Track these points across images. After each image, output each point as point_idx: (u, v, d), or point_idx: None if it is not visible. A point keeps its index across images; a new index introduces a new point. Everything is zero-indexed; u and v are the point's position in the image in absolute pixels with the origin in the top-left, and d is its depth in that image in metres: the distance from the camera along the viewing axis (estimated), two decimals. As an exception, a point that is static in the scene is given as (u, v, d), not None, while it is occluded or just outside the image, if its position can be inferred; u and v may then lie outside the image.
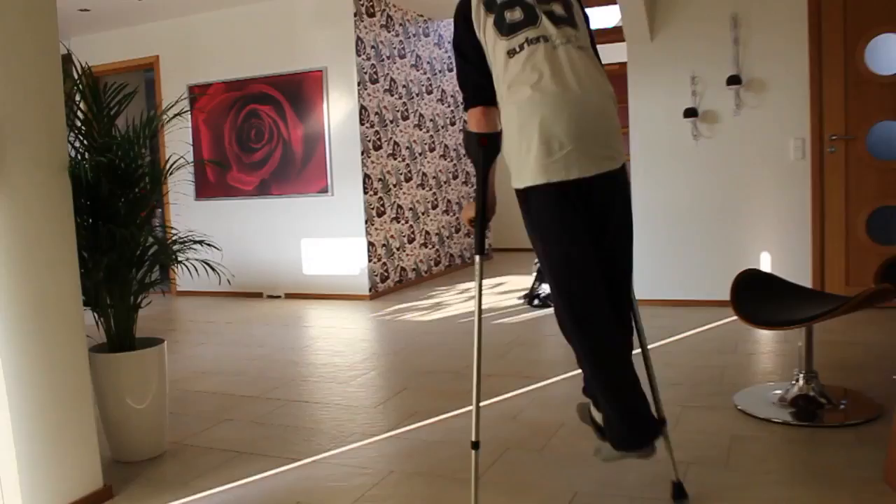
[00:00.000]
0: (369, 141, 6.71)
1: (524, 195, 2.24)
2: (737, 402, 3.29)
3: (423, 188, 7.72)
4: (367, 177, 6.67)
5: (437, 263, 7.96)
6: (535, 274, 6.21)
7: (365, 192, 6.64)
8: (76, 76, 2.97)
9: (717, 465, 2.69)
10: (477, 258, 2.42)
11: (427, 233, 7.77)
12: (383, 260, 6.93)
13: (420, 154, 7.67)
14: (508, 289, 6.91)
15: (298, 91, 6.80)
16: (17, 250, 2.36)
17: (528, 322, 5.39)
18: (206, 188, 7.39)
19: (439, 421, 3.32)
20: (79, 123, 2.98)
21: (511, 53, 2.18)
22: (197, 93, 7.30)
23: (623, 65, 5.93)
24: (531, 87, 2.14)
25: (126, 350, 3.05)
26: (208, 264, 3.51)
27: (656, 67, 5.58)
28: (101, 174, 2.81)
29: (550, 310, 5.65)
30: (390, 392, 3.82)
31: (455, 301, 6.40)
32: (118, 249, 2.82)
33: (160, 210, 8.16)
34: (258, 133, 7.02)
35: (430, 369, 4.20)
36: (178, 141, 7.49)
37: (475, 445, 2.32)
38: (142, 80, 8.38)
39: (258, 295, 7.23)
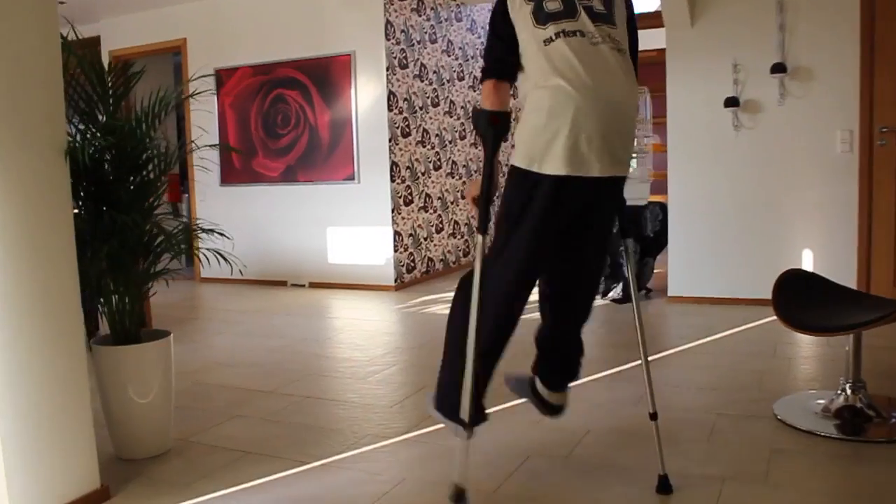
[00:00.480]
0: (397, 127, 6.54)
1: (533, 178, 2.20)
2: (777, 411, 3.08)
3: (453, 177, 7.53)
4: (394, 164, 6.50)
5: (465, 254, 7.77)
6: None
7: (392, 180, 6.48)
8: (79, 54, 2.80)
9: (755, 482, 2.48)
10: (479, 238, 2.35)
11: (456, 223, 7.59)
12: (410, 250, 6.77)
13: (450, 142, 7.48)
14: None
15: (326, 75, 6.64)
16: (10, 236, 2.22)
17: (556, 318, 5.19)
18: (231, 174, 7.27)
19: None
20: (83, 104, 2.82)
21: (547, 42, 2.16)
22: (224, 76, 7.18)
23: (661, 51, 5.68)
24: (568, 78, 2.12)
25: (131, 342, 2.91)
26: (220, 254, 3.33)
27: (696, 54, 5.32)
28: (103, 158, 2.67)
29: (580, 305, 5.45)
30: (410, 389, 3.66)
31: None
32: (119, 237, 2.68)
33: (186, 195, 8.09)
34: (284, 118, 6.88)
35: (451, 366, 4.03)
36: (203, 125, 7.39)
37: (464, 424, 2.34)
38: (171, 64, 8.29)
39: (282, 283, 7.11)
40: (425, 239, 7.01)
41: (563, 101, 2.11)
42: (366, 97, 6.50)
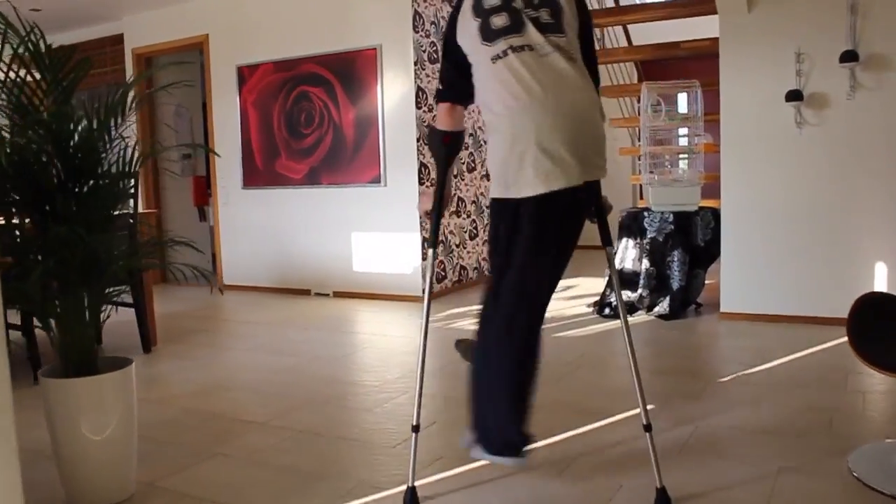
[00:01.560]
0: (426, 126, 6.09)
1: (512, 205, 2.20)
2: (852, 465, 2.54)
3: (489, 179, 7.04)
4: (423, 166, 6.06)
5: (501, 261, 7.29)
6: (606, 279, 5.48)
7: (421, 183, 6.03)
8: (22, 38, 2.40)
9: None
10: (430, 252, 2.56)
11: (491, 228, 7.11)
12: (440, 258, 6.31)
13: (485, 142, 7.01)
14: (578, 293, 6.19)
15: (350, 71, 6.23)
16: None
17: (596, 336, 4.68)
18: (254, 176, 6.91)
19: (470, 471, 2.68)
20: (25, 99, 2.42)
21: (495, 59, 2.16)
22: (245, 73, 6.82)
23: (714, 41, 5.14)
24: (523, 98, 2.11)
25: (86, 373, 2.51)
26: (198, 269, 2.92)
27: (754, 43, 4.76)
28: (38, 158, 2.27)
29: (618, 322, 4.92)
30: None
31: (516, 306, 5.74)
32: (59, 253, 2.27)
33: (210, 206, 7.75)
34: (308, 117, 6.49)
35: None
36: (226, 125, 7.04)
37: (415, 429, 2.48)
38: (198, 61, 7.97)
39: (306, 292, 6.72)
40: (457, 246, 6.55)
41: (522, 123, 2.10)
42: (392, 94, 6.06)
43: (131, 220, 4.67)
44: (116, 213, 4.79)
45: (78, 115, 2.40)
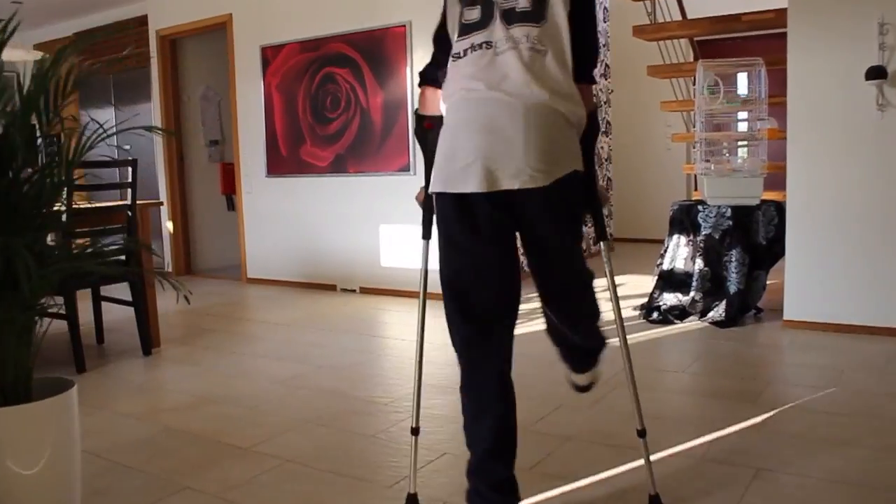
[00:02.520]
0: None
1: (436, 200, 2.16)
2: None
3: (529, 168, 6.53)
4: (455, 153, 5.57)
5: (543, 257, 6.77)
6: (655, 278, 4.93)
7: (452, 172, 5.55)
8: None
9: None
10: (423, 243, 2.49)
11: (532, 221, 6.60)
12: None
13: (525, 128, 6.49)
14: (625, 293, 5.65)
15: (378, 50, 5.76)
16: None
17: (641, 346, 4.15)
18: (278, 163, 6.50)
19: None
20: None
21: (456, 57, 2.09)
22: (269, 55, 6.41)
23: (780, 12, 4.54)
24: (459, 94, 2.06)
25: (17, 400, 2.10)
26: (163, 276, 2.50)
27: (828, 13, 4.15)
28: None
29: (673, 328, 4.38)
30: (425, 456, 2.73)
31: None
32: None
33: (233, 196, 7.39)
34: (334, 101, 6.05)
35: (490, 418, 3.08)
36: (250, 110, 6.65)
37: (415, 431, 2.36)
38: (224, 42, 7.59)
39: (331, 288, 6.30)
40: (493, 240, 6.05)
41: (452, 119, 2.06)
42: (423, 75, 5.58)
43: (129, 213, 4.29)
44: (113, 204, 4.42)
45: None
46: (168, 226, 7.51)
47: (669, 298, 4.74)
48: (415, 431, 2.35)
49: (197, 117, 7.66)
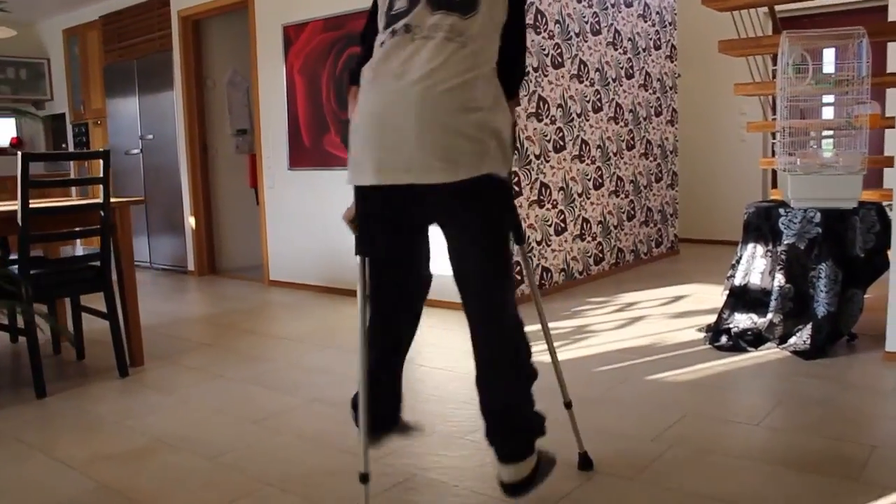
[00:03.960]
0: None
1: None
2: None
3: (582, 160, 5.76)
4: (492, 144, 4.85)
5: (598, 261, 6.00)
6: (725, 294, 4.13)
7: (489, 166, 4.83)
8: None
9: None
10: (358, 259, 2.19)
11: (586, 220, 5.83)
12: (515, 258, 5.10)
13: (580, 115, 5.72)
14: (689, 308, 4.85)
15: (407, 27, 5.07)
16: None
17: (705, 382, 3.37)
18: (301, 155, 5.88)
19: None
20: None
21: (379, 46, 2.02)
22: (292, 34, 5.77)
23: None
24: (364, 83, 1.99)
25: None
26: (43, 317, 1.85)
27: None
28: None
29: (746, 357, 3.57)
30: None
31: (612, 322, 4.46)
32: None
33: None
34: (359, 85, 5.38)
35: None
36: (272, 96, 6.04)
37: (363, 479, 2.06)
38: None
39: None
40: (540, 243, 5.31)
41: (358, 110, 1.99)
42: (456, 54, 4.87)
43: (102, 213, 3.70)
44: (79, 202, 3.83)
45: None
46: (190, 221, 6.97)
47: (742, 320, 3.93)
48: (363, 479, 2.06)
49: (223, 104, 7.10)
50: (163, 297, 6.00)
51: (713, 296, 5.10)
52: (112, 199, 3.81)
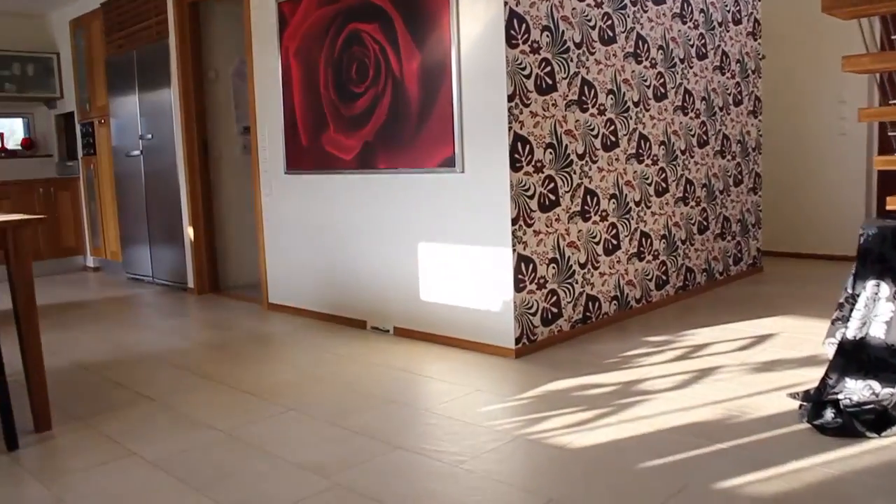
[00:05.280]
0: (527, 76, 3.80)
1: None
2: None
3: (640, 160, 4.63)
4: (519, 140, 3.77)
5: (660, 285, 4.85)
6: (831, 347, 2.96)
7: (516, 167, 3.76)
8: None
9: None
10: None
11: (645, 235, 4.70)
12: (550, 285, 4.01)
13: (637, 104, 4.59)
14: (777, 355, 3.68)
15: (414, -5, 4.05)
16: None
17: (807, 496, 2.23)
18: (298, 156, 4.91)
19: None
20: None
21: None
22: (286, 12, 4.81)
23: None
24: None
25: None
26: None
27: None
28: None
29: (862, 446, 2.38)
30: None
31: (673, 378, 3.34)
32: None
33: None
34: (361, 69, 4.38)
35: None
36: (267, 86, 5.10)
37: None
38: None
39: (360, 325, 4.65)
40: (584, 265, 4.21)
41: None
42: (472, 27, 3.81)
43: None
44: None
45: None
46: (188, 233, 6.09)
47: (857, 389, 2.77)
48: None
49: (228, 99, 6.19)
50: (139, 322, 5.12)
51: (810, 337, 3.92)
52: (4, 218, 2.89)
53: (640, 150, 4.62)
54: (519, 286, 3.81)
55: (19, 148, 8.24)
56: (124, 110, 6.76)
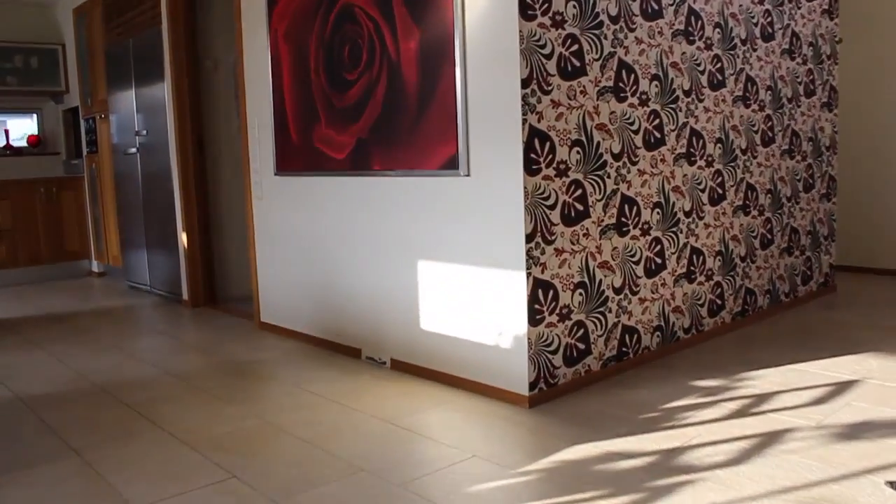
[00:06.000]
0: (547, 54, 3.05)
1: None
2: None
3: (691, 161, 3.84)
4: (536, 135, 3.03)
5: (714, 311, 4.06)
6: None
7: (532, 170, 3.01)
8: None
9: None
10: None
11: (696, 252, 3.90)
12: (575, 315, 3.25)
13: (689, 93, 3.80)
14: (863, 415, 2.88)
15: (412, -41, 3.33)
16: None
17: None
18: (289, 155, 4.24)
19: None
20: None
21: None
22: (274, -15, 4.15)
23: None
24: None
25: None
26: None
27: None
28: None
29: None
30: None
31: (728, 447, 2.56)
32: None
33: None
34: (354, 52, 3.69)
35: None
36: (257, 74, 4.45)
37: None
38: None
39: (355, 353, 3.96)
40: (619, 290, 3.44)
41: None
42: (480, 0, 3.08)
43: None
44: None
45: None
46: (182, 239, 5.48)
47: None
48: None
49: (228, 91, 5.56)
50: (113, 343, 4.50)
51: (906, 386, 3.10)
52: None
53: (692, 149, 3.83)
54: (535, 318, 3.06)
55: (25, 145, 7.75)
56: (122, 105, 6.19)
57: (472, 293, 3.26)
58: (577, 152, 3.19)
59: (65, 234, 7.28)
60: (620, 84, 3.38)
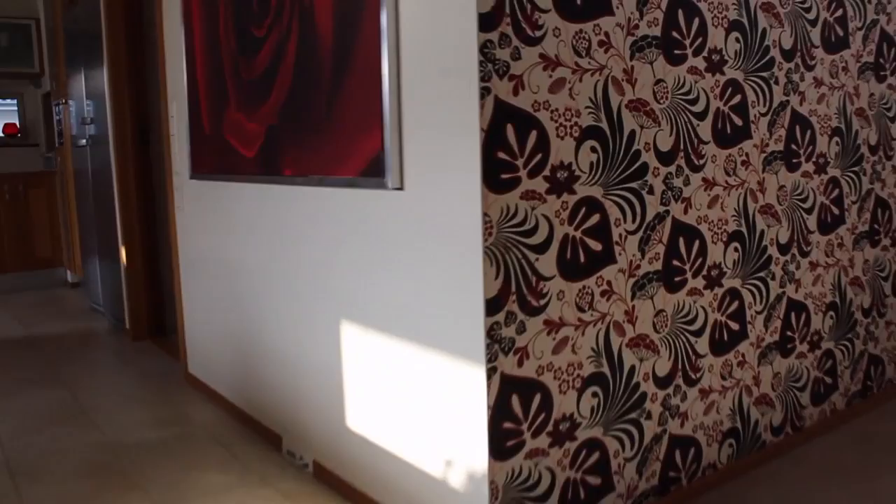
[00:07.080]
0: (507, 21, 1.72)
1: None
2: None
3: (790, 165, 2.43)
4: (506, 117, 1.69)
5: (820, 397, 2.64)
6: None
7: (493, 185, 1.68)
8: None
9: None
10: None
11: (793, 305, 2.50)
12: (585, 431, 1.91)
13: (792, 54, 2.39)
14: None
15: None
16: None
17: None
18: (202, 151, 3.02)
19: None
20: None
21: None
22: None
23: None
24: None
25: None
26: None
27: None
28: None
29: None
30: None
31: None
32: None
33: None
34: (263, 3, 2.41)
35: None
36: (174, 44, 3.25)
37: None
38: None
39: (276, 441, 2.70)
40: (665, 381, 2.08)
41: None
42: None
43: None
44: None
45: None
46: (122, 254, 4.33)
47: None
48: None
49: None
50: (-12, 402, 3.37)
51: None
52: None
53: (792, 145, 2.43)
54: (504, 446, 1.74)
55: (1, 135, 6.78)
56: (75, 89, 5.09)
57: (408, 386, 1.96)
58: (593, 149, 1.85)
59: (34, 238, 6.26)
60: (672, 34, 2.02)
